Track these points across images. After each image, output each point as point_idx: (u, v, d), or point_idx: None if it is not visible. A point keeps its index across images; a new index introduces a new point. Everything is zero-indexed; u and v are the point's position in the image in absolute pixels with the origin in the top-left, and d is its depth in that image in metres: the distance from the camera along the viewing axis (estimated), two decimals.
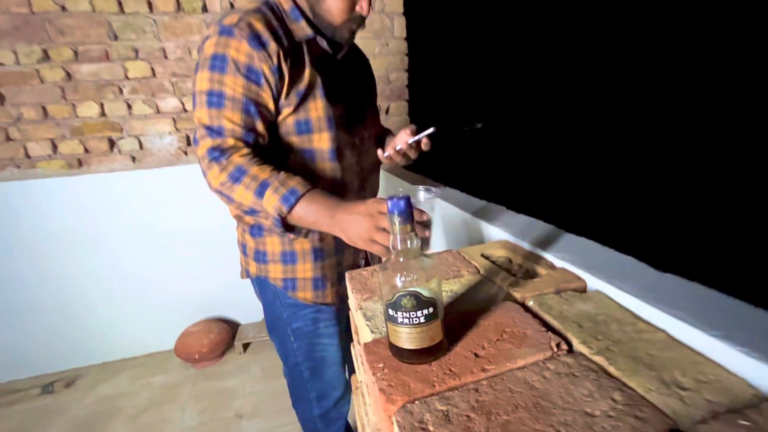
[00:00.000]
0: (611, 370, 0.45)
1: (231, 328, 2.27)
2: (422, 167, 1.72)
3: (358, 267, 1.08)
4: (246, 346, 2.23)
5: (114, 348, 2.20)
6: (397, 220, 0.46)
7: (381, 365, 0.49)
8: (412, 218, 0.48)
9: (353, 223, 0.70)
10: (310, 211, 0.74)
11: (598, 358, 0.47)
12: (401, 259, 0.47)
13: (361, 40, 1.68)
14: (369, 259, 1.13)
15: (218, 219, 2.16)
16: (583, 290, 0.65)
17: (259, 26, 0.77)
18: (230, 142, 0.78)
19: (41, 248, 1.98)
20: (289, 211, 0.74)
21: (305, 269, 0.96)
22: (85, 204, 2.00)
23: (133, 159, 2.05)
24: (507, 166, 4.04)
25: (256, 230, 0.96)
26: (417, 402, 0.43)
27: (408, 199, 0.46)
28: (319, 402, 1.11)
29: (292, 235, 0.84)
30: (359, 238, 0.69)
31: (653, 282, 0.60)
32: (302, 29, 0.84)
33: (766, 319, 0.49)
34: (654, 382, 0.42)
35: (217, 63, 0.77)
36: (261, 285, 1.03)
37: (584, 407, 0.40)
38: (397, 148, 0.89)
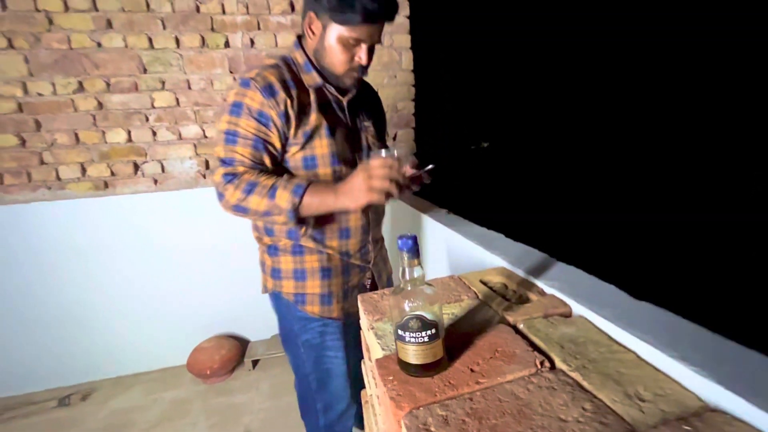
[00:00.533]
0: (585, 384, 0.54)
1: (241, 344, 2.34)
2: (428, 194, 1.86)
3: (364, 286, 1.18)
4: (255, 363, 2.30)
5: (128, 362, 2.28)
6: (405, 255, 0.56)
7: (391, 378, 0.58)
8: (418, 253, 0.57)
9: (352, 185, 0.86)
10: (317, 196, 0.89)
11: (574, 375, 0.55)
12: (409, 288, 0.57)
13: (371, 72, 1.81)
14: (375, 279, 1.22)
15: (232, 239, 2.27)
16: (568, 315, 0.74)
17: (272, 79, 0.93)
18: (240, 169, 0.93)
19: (64, 265, 2.08)
20: (300, 201, 0.88)
21: (314, 285, 1.08)
22: (108, 223, 2.11)
23: (155, 181, 2.18)
24: (506, 195, 4.17)
25: (273, 250, 1.10)
26: (421, 408, 0.52)
27: (415, 238, 0.56)
28: (325, 413, 1.20)
29: (303, 229, 1.00)
30: (360, 192, 0.84)
31: (629, 308, 0.69)
32: (313, 78, 1.00)
33: (719, 342, 0.57)
34: (619, 395, 0.51)
35: (235, 109, 0.93)
36: (276, 299, 1.16)
37: (559, 414, 0.48)
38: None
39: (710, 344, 0.57)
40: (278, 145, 0.96)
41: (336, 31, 0.91)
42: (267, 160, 0.95)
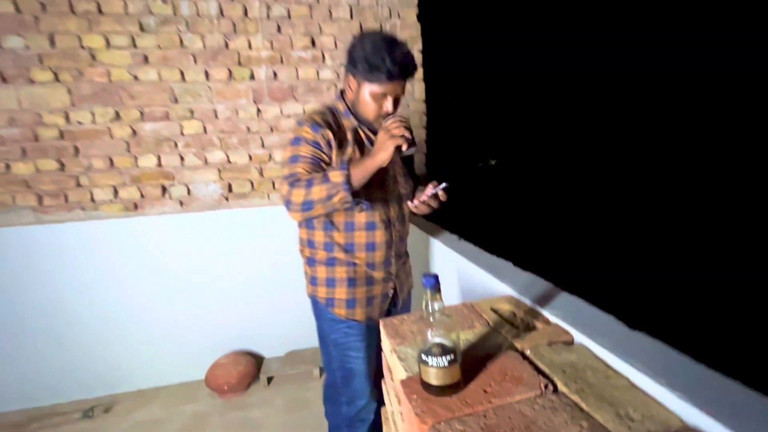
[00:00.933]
0: (583, 405, 0.62)
1: (256, 361, 2.42)
2: (436, 212, 2.00)
3: (387, 295, 1.37)
4: (270, 379, 2.37)
5: (148, 376, 2.36)
6: (429, 291, 0.66)
7: (415, 396, 0.67)
8: (440, 289, 0.67)
9: (378, 142, 1.07)
10: (358, 165, 1.08)
11: (574, 397, 0.64)
12: (431, 319, 0.67)
13: None
14: (397, 291, 1.40)
15: (251, 260, 2.39)
16: (570, 343, 0.82)
17: (318, 119, 1.20)
18: (299, 177, 1.14)
19: (93, 281, 2.20)
20: (348, 172, 1.06)
21: (341, 292, 1.31)
22: (136, 243, 2.24)
23: (181, 203, 2.31)
24: (514, 224, 4.29)
25: (311, 262, 1.35)
26: (442, 423, 0.61)
27: (436, 277, 0.66)
28: (348, 406, 1.38)
29: (358, 208, 1.21)
30: (385, 143, 1.05)
31: (624, 338, 0.78)
32: (351, 122, 1.27)
33: (700, 371, 0.66)
34: (612, 415, 0.59)
35: (295, 141, 1.20)
36: (313, 302, 1.39)
37: (560, 431, 0.57)
38: (421, 199, 1.18)
39: (693, 372, 0.65)
40: (327, 161, 1.20)
41: (368, 88, 1.18)
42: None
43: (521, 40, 4.31)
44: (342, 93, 1.29)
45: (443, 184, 1.17)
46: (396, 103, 1.20)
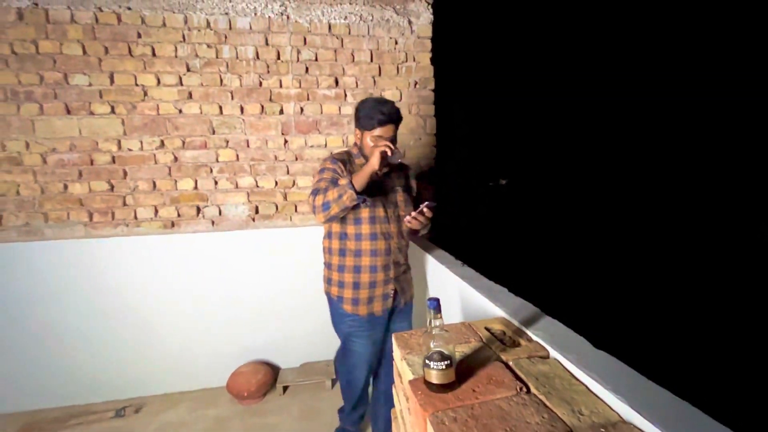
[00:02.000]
0: (547, 403, 0.82)
1: (273, 371, 2.62)
2: (440, 235, 2.23)
3: (387, 296, 1.72)
4: (285, 388, 2.56)
5: (175, 381, 2.57)
6: (432, 311, 0.87)
7: (420, 392, 0.87)
8: (440, 310, 0.88)
9: (370, 154, 1.47)
10: (359, 173, 1.45)
11: (542, 397, 0.84)
12: (433, 333, 0.87)
13: (400, 136, 2.17)
14: (399, 293, 1.75)
15: (270, 277, 2.61)
16: (546, 357, 1.02)
17: (336, 157, 1.67)
18: (320, 189, 1.53)
19: (131, 291, 2.44)
20: (350, 177, 1.43)
21: (348, 292, 1.69)
22: (172, 257, 2.49)
23: (213, 223, 2.57)
24: (510, 253, 4.50)
25: (328, 266, 1.76)
26: (440, 412, 0.81)
27: (438, 300, 0.87)
28: (347, 376, 1.80)
29: (363, 204, 1.52)
30: (374, 151, 1.43)
31: (589, 355, 0.97)
32: (361, 160, 1.70)
33: (639, 379, 0.85)
34: (568, 411, 0.79)
35: (321, 170, 1.64)
36: (328, 297, 1.79)
37: (526, 419, 0.77)
38: (411, 215, 1.52)
39: (633, 380, 0.85)
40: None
41: (368, 134, 1.61)
42: None
43: (526, 74, 4.59)
44: (356, 143, 1.76)
45: (426, 203, 1.50)
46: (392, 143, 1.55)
